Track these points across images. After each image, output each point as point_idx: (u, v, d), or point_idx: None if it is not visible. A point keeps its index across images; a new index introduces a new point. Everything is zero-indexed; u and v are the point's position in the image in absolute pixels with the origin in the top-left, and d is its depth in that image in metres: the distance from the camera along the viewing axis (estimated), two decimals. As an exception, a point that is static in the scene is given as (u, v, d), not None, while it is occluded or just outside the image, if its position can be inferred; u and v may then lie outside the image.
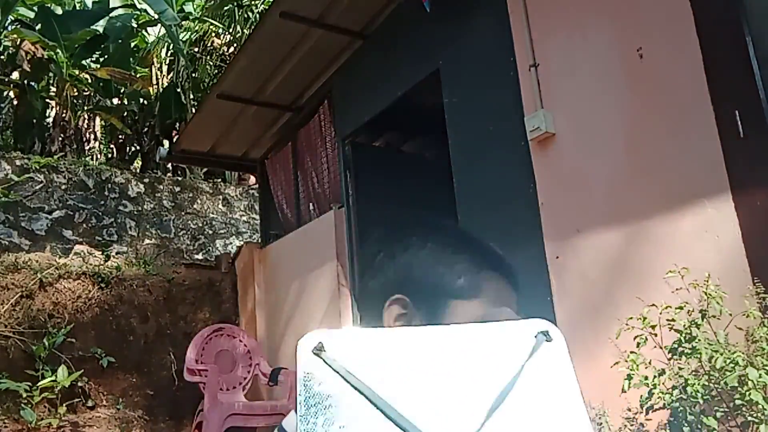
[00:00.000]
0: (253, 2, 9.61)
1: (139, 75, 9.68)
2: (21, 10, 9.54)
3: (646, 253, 2.63)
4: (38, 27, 8.76)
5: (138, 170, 9.87)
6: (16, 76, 9.28)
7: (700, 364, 1.99)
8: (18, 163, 7.33)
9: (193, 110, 9.10)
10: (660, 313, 2.12)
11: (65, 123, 9.44)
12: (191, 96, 10.02)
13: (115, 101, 10.27)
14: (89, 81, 9.50)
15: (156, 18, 9.25)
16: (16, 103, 9.64)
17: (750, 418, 1.86)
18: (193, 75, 10.30)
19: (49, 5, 9.53)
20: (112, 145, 11.07)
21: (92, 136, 10.44)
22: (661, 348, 2.12)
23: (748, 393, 1.82)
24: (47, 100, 9.78)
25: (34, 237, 7.14)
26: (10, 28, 9.46)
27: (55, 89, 9.59)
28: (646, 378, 2.09)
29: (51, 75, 9.29)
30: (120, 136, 10.64)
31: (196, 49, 10.56)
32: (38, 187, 7.33)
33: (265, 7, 8.55)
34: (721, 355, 1.90)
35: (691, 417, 1.97)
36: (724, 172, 2.37)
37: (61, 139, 9.37)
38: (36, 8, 9.45)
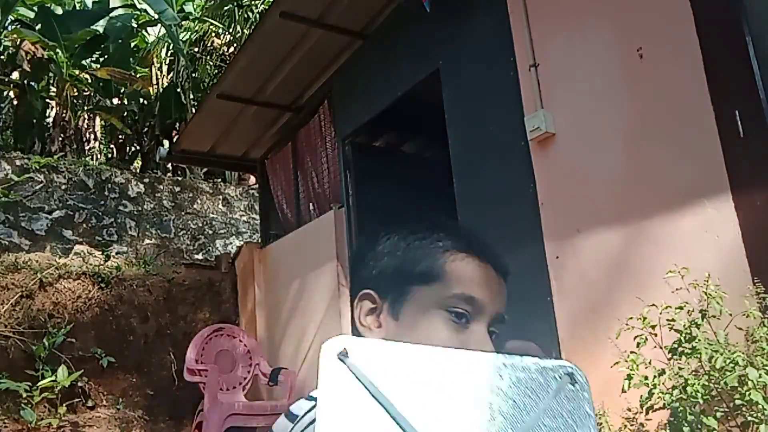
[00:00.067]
0: (253, 2, 9.61)
1: (139, 75, 9.68)
2: (21, 10, 9.54)
3: (646, 253, 2.63)
4: (38, 27, 8.76)
5: (138, 170, 9.87)
6: (16, 76, 9.28)
7: (700, 364, 1.98)
8: (18, 163, 7.33)
9: (193, 110, 9.10)
10: (660, 313, 2.12)
11: (65, 123, 9.44)
12: (191, 96, 10.02)
13: (115, 101, 10.27)
14: (89, 81, 9.50)
15: (156, 18, 9.25)
16: (16, 103, 9.64)
17: (750, 418, 1.86)
18: (193, 75, 10.30)
19: (49, 5, 9.53)
20: (112, 145, 11.07)
21: (92, 136, 10.45)
22: (661, 348, 2.12)
23: (748, 393, 1.82)
24: (47, 100, 9.78)
25: (34, 237, 7.14)
26: (10, 28, 9.46)
27: (55, 89, 9.59)
28: (646, 378, 2.08)
29: (51, 75, 9.29)
30: (120, 136, 10.64)
31: (196, 49, 10.56)
32: (38, 187, 7.34)
33: (265, 7, 8.55)
34: (721, 355, 1.90)
35: (691, 417, 1.97)
36: (724, 172, 2.37)
37: (61, 139, 9.37)
38: (36, 8, 9.45)
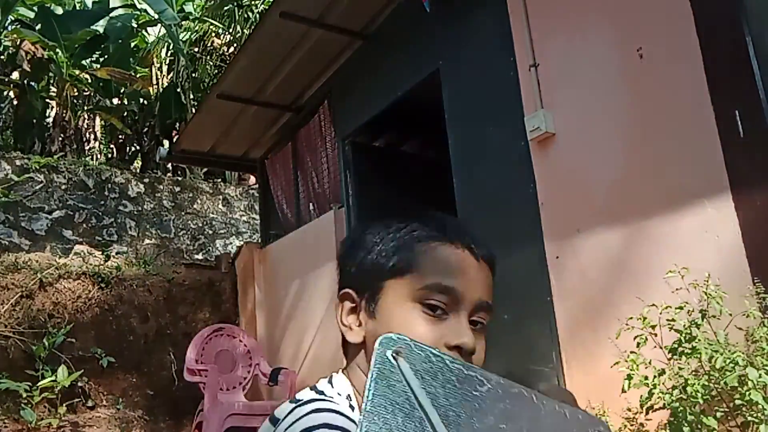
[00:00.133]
0: (253, 2, 9.61)
1: (139, 75, 9.68)
2: (21, 10, 9.54)
3: (646, 253, 2.63)
4: (38, 27, 8.76)
5: (138, 170, 9.87)
6: (16, 76, 9.28)
7: (700, 364, 1.99)
8: (18, 163, 7.33)
9: (193, 110, 9.10)
10: (660, 313, 2.12)
11: (65, 123, 9.44)
12: (191, 96, 10.02)
13: (115, 101, 10.27)
14: (89, 81, 9.50)
15: (156, 18, 9.26)
16: (16, 103, 9.64)
17: (750, 418, 1.86)
18: (193, 75, 10.30)
19: (49, 5, 9.53)
20: (112, 145, 11.07)
21: (92, 136, 10.45)
22: (661, 348, 2.12)
23: (748, 393, 1.82)
24: (47, 100, 9.78)
25: (34, 237, 7.14)
26: (10, 28, 9.46)
27: (55, 89, 9.59)
28: (646, 378, 2.09)
29: (51, 75, 9.29)
30: (120, 136, 10.64)
31: (196, 49, 10.56)
32: (38, 187, 7.34)
33: (265, 7, 8.55)
34: (721, 355, 1.90)
35: (691, 417, 1.97)
36: (724, 172, 2.37)
37: (61, 139, 9.37)
38: (36, 8, 9.45)
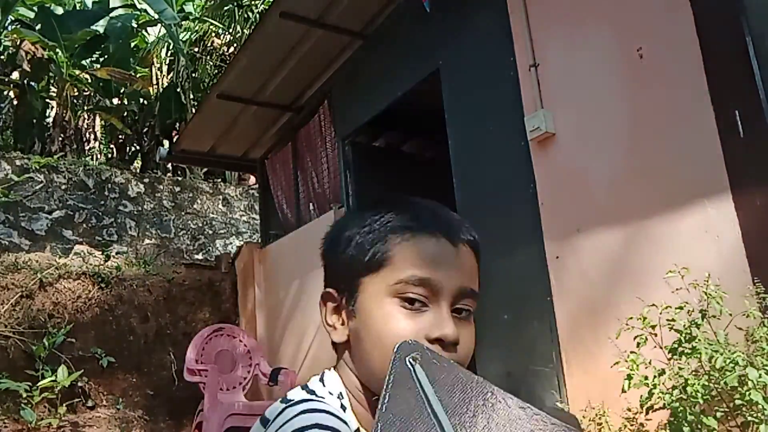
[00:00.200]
0: (253, 2, 9.62)
1: (139, 75, 9.68)
2: (21, 10, 9.54)
3: (646, 253, 2.63)
4: (38, 27, 8.76)
5: (138, 170, 9.88)
6: (16, 76, 9.28)
7: (700, 364, 1.98)
8: (18, 163, 7.33)
9: (193, 110, 9.10)
10: (660, 313, 2.12)
11: (65, 123, 9.44)
12: (191, 96, 10.03)
13: (115, 101, 10.27)
14: (89, 81, 9.51)
15: (156, 18, 9.26)
16: (16, 103, 9.64)
17: (750, 418, 1.86)
18: (193, 75, 10.31)
19: (49, 5, 9.53)
20: (112, 145, 11.07)
21: (92, 136, 10.45)
22: (661, 348, 2.12)
23: (748, 393, 1.82)
24: (47, 100, 9.78)
25: (34, 237, 7.14)
26: (10, 28, 9.47)
27: (55, 89, 9.59)
28: (646, 378, 2.09)
29: (51, 75, 9.29)
30: (120, 136, 10.65)
31: (196, 49, 10.57)
32: (38, 187, 7.34)
33: (265, 7, 8.55)
34: (721, 355, 1.90)
35: (691, 417, 1.97)
36: (724, 172, 2.37)
37: (61, 139, 9.37)
38: (36, 8, 9.45)
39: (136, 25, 10.09)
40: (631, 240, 2.71)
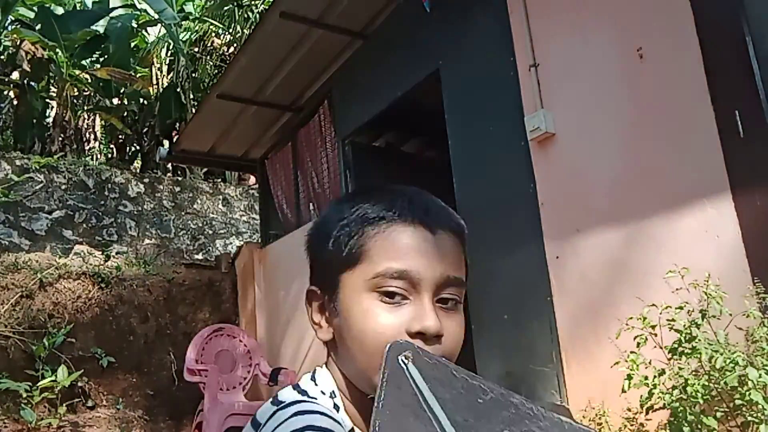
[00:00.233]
0: (253, 2, 9.61)
1: (139, 75, 9.68)
2: (21, 10, 9.54)
3: (646, 253, 2.63)
4: (38, 27, 8.77)
5: (138, 170, 9.88)
6: (16, 76, 9.28)
7: (700, 364, 1.99)
8: (18, 163, 7.33)
9: (193, 110, 9.10)
10: (660, 313, 2.12)
11: (65, 123, 9.45)
12: (191, 96, 10.03)
13: (115, 101, 10.27)
14: (89, 81, 9.51)
15: (156, 18, 9.26)
16: (16, 103, 9.64)
17: (750, 418, 1.86)
18: (193, 75, 10.31)
19: (49, 5, 9.53)
20: (112, 145, 11.08)
21: (92, 136, 10.45)
22: (661, 348, 2.12)
23: (748, 393, 1.82)
24: (47, 100, 9.79)
25: (34, 237, 7.14)
26: (10, 28, 9.47)
27: (55, 89, 9.59)
28: (646, 378, 2.09)
29: (51, 75, 9.29)
30: (120, 136, 10.65)
31: (196, 49, 10.57)
32: (38, 187, 7.34)
33: (265, 7, 8.55)
34: (721, 355, 1.90)
35: (691, 417, 1.97)
36: (724, 172, 2.37)
37: (61, 139, 9.37)
38: (36, 8, 9.45)
39: (136, 25, 10.09)
40: (631, 240, 2.71)
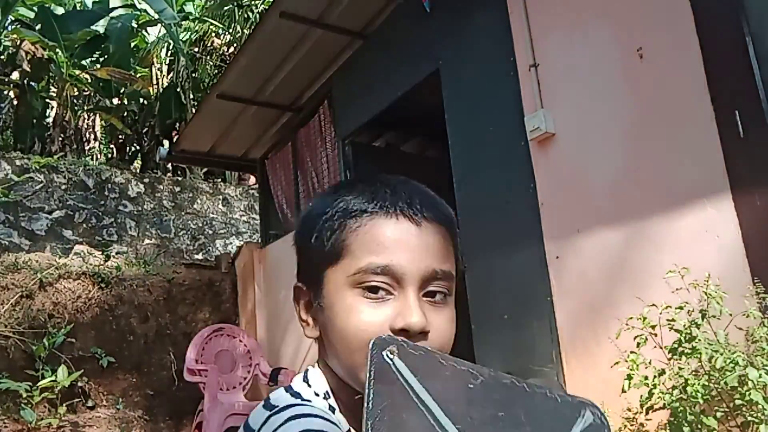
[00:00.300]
0: (253, 2, 9.62)
1: (139, 75, 9.68)
2: (21, 10, 9.55)
3: (646, 253, 2.63)
4: (38, 27, 8.77)
5: (138, 170, 9.88)
6: (16, 76, 9.28)
7: (700, 364, 1.99)
8: (18, 163, 7.33)
9: (193, 110, 9.10)
10: (660, 313, 2.12)
11: (65, 123, 9.45)
12: (191, 96, 10.03)
13: (115, 101, 10.27)
14: (89, 81, 9.51)
15: (156, 18, 9.26)
16: (16, 103, 9.64)
17: (750, 418, 1.86)
18: (193, 75, 10.31)
19: (49, 5, 9.54)
20: (112, 145, 11.08)
21: (92, 136, 10.46)
22: (661, 348, 2.12)
23: (748, 393, 1.82)
24: (47, 100, 9.79)
25: (34, 237, 7.14)
26: (10, 28, 9.47)
27: (55, 89, 9.60)
28: (646, 378, 2.09)
29: (51, 75, 9.30)
30: (120, 136, 10.65)
31: (196, 49, 10.57)
32: (38, 187, 7.34)
33: (265, 7, 8.55)
34: (721, 355, 1.90)
35: (691, 417, 1.97)
36: (724, 172, 2.37)
37: (61, 139, 9.38)
38: (36, 8, 9.46)
39: (136, 25, 10.09)
40: (631, 240, 2.71)
